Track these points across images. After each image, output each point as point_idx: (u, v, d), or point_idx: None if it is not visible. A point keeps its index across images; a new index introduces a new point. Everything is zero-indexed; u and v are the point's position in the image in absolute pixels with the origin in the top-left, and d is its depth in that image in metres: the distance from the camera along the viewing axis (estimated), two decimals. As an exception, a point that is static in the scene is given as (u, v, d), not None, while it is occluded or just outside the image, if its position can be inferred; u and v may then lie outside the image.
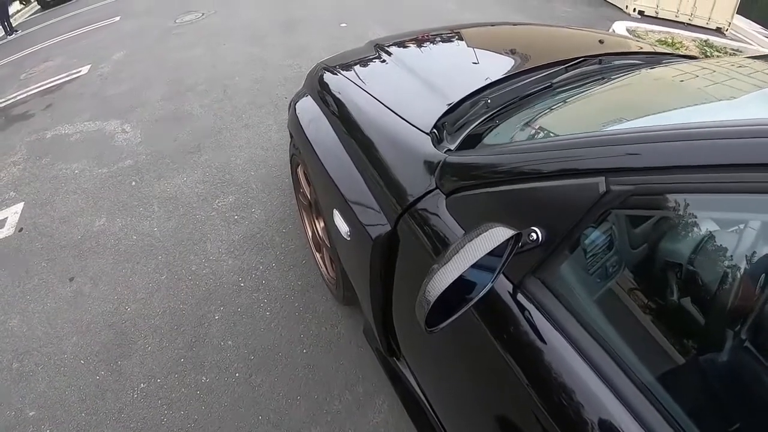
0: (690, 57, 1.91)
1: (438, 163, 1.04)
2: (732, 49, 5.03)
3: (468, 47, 1.90)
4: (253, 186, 2.76)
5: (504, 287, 0.78)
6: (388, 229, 1.11)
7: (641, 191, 0.62)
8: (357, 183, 1.27)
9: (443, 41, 2.01)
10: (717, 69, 1.15)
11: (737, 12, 5.95)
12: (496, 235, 0.62)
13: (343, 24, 5.34)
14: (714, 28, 5.90)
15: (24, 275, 2.40)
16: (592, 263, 0.71)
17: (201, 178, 2.92)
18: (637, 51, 1.79)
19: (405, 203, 1.07)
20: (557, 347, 0.69)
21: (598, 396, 0.63)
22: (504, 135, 1.09)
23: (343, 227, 1.31)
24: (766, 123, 0.54)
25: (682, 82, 1.14)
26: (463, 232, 0.89)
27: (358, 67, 1.77)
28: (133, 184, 2.98)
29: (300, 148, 1.71)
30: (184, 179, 2.93)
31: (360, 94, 1.52)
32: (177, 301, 2.09)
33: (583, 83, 1.32)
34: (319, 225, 1.85)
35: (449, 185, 0.98)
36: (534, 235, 0.70)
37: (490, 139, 1.09)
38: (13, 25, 9.17)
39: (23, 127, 4.17)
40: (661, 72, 1.31)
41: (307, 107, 1.74)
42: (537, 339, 0.72)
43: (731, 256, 0.58)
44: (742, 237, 0.57)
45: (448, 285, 0.60)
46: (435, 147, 1.12)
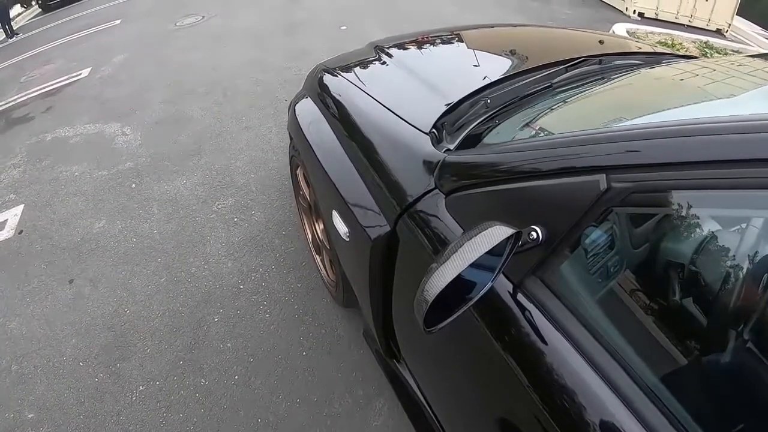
0: (690, 57, 1.91)
1: (437, 163, 1.04)
2: (732, 51, 5.03)
3: (468, 49, 1.90)
4: (253, 188, 2.75)
5: (504, 287, 0.77)
6: (387, 230, 1.10)
7: (642, 188, 0.61)
8: (355, 183, 1.26)
9: (443, 43, 2.00)
10: (717, 68, 1.14)
11: (737, 13, 5.96)
12: (495, 234, 0.62)
13: (344, 27, 5.35)
14: (714, 29, 5.91)
15: (24, 277, 2.39)
16: (593, 263, 0.70)
17: (201, 180, 2.91)
18: (637, 51, 1.78)
19: (404, 203, 1.06)
20: (559, 348, 0.69)
21: (600, 397, 0.62)
22: (504, 134, 1.09)
23: (342, 228, 1.30)
24: (766, 118, 0.53)
25: (682, 80, 1.14)
26: (463, 231, 0.88)
27: (357, 69, 1.77)
28: (133, 186, 2.98)
29: (299, 149, 1.71)
30: (183, 182, 2.93)
31: (359, 95, 1.51)
32: (176, 304, 2.08)
33: (584, 83, 1.32)
34: (319, 227, 1.84)
35: (448, 185, 0.98)
36: (534, 234, 0.69)
37: (489, 139, 1.08)
38: (14, 28, 9.22)
39: (23, 130, 4.18)
40: (661, 71, 1.30)
41: (307, 109, 1.74)
42: (538, 340, 0.71)
43: (734, 254, 0.58)
44: (744, 235, 0.57)
45: (446, 284, 0.59)
46: (434, 147, 1.12)
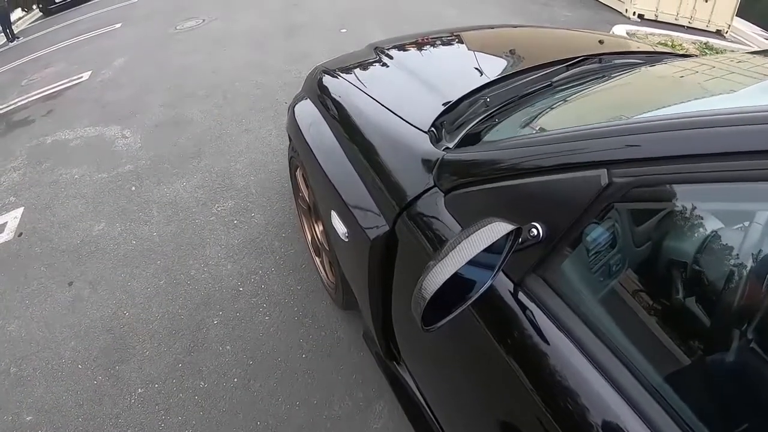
0: (690, 57, 1.90)
1: (436, 161, 1.03)
2: (732, 52, 5.03)
3: (468, 50, 1.90)
4: (253, 190, 2.75)
5: (504, 286, 0.76)
6: (386, 230, 1.09)
7: (644, 182, 0.61)
8: (354, 183, 1.25)
9: (443, 44, 2.00)
10: (716, 65, 1.13)
11: (737, 14, 5.96)
12: (495, 230, 0.60)
13: (344, 30, 5.35)
14: (714, 30, 5.91)
15: (23, 280, 2.39)
16: (595, 260, 0.69)
17: (200, 182, 2.91)
18: (637, 50, 1.78)
19: (403, 202, 1.05)
20: (561, 348, 0.67)
21: (603, 397, 0.61)
22: (503, 132, 1.08)
23: (341, 228, 1.29)
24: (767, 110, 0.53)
25: (682, 77, 1.13)
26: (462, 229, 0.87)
27: (357, 70, 1.76)
28: (133, 189, 2.97)
29: (298, 150, 1.70)
30: (183, 184, 2.92)
31: (358, 95, 1.51)
32: (175, 306, 2.07)
33: (583, 81, 1.31)
34: (318, 229, 1.83)
35: (447, 183, 0.97)
36: (534, 231, 0.68)
37: (489, 137, 1.07)
38: (15, 32, 9.25)
39: (24, 133, 4.18)
40: (661, 69, 1.29)
41: (306, 110, 1.73)
42: (540, 339, 0.70)
43: (738, 250, 0.56)
44: (749, 230, 0.55)
45: (444, 281, 0.58)
46: (433, 145, 1.11)
